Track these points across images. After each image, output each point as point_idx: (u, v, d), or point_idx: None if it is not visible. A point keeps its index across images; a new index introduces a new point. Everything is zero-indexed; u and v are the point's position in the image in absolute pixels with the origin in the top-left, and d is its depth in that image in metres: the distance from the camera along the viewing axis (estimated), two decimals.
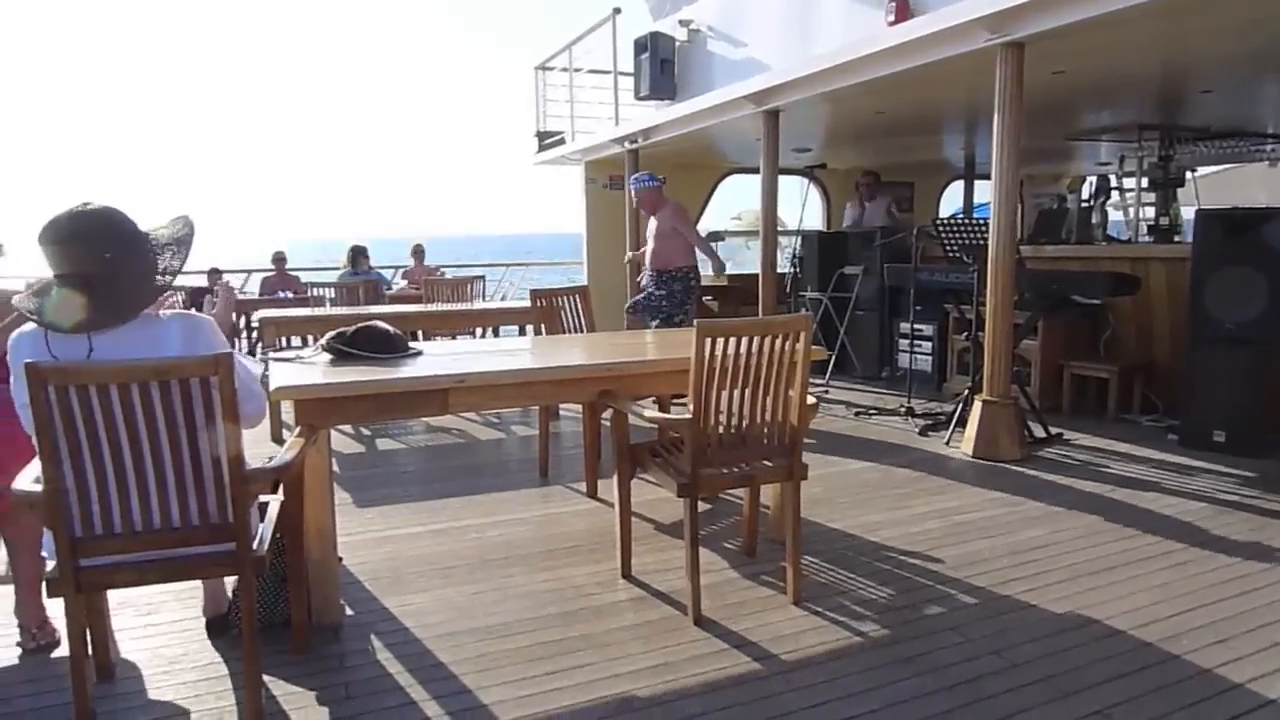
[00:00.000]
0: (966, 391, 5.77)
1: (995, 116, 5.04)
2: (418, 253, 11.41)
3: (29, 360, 2.12)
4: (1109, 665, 2.70)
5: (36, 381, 2.10)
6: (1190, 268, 5.49)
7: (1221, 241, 5.30)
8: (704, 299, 9.92)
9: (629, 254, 7.62)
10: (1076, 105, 7.48)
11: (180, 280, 2.53)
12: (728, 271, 11.84)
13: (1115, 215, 9.69)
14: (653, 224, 6.70)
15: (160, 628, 2.99)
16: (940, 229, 5.95)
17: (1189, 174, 9.67)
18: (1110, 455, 5.29)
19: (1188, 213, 9.06)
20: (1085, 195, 9.65)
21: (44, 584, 2.30)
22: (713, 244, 7.31)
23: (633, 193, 6.84)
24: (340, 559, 3.22)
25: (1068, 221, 8.22)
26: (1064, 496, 4.46)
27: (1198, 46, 5.44)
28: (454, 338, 7.15)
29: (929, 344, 7.57)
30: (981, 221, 5.59)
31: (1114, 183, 9.54)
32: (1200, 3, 4.40)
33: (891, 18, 5.69)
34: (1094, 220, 8.42)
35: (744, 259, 12.82)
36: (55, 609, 2.73)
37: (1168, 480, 4.73)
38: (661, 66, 8.69)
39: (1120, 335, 6.65)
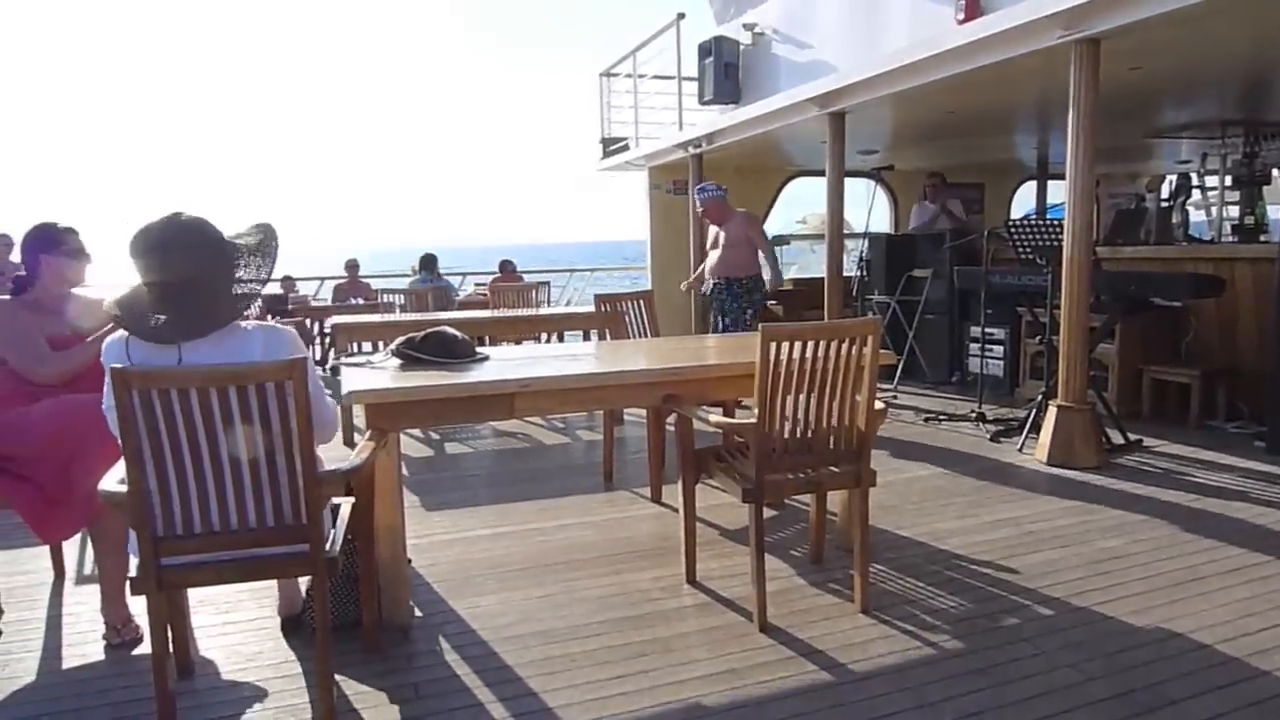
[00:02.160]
0: (1040, 397, 5.63)
1: (1070, 115, 4.91)
2: (505, 267, 11.48)
3: (114, 365, 2.20)
4: (1193, 681, 2.60)
5: (121, 385, 2.17)
6: (1278, 268, 5.28)
7: None
8: (768, 304, 9.87)
9: (686, 282, 7.42)
10: (1155, 102, 7.25)
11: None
12: (792, 276, 11.79)
13: (1197, 215, 9.37)
14: (715, 233, 6.70)
15: (238, 625, 3.07)
16: (1013, 230, 5.82)
17: (1276, 171, 9.30)
18: (1193, 463, 5.10)
19: (1275, 211, 8.72)
20: (1165, 194, 9.36)
21: (128, 583, 2.37)
22: (778, 247, 7.30)
23: (698, 201, 6.75)
24: (409, 561, 3.27)
25: (1146, 222, 7.98)
26: (1143, 505, 4.32)
27: None
28: (519, 343, 7.23)
29: (1000, 348, 7.40)
30: (1055, 222, 5.45)
31: (1195, 181, 9.23)
32: None
33: (961, 15, 5.59)
34: (1174, 220, 8.15)
35: (808, 263, 12.70)
36: (138, 607, 2.83)
37: (1254, 489, 4.55)
38: (726, 70, 8.66)
39: (1203, 338, 6.42)
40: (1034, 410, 5.60)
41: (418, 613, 3.18)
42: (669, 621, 3.08)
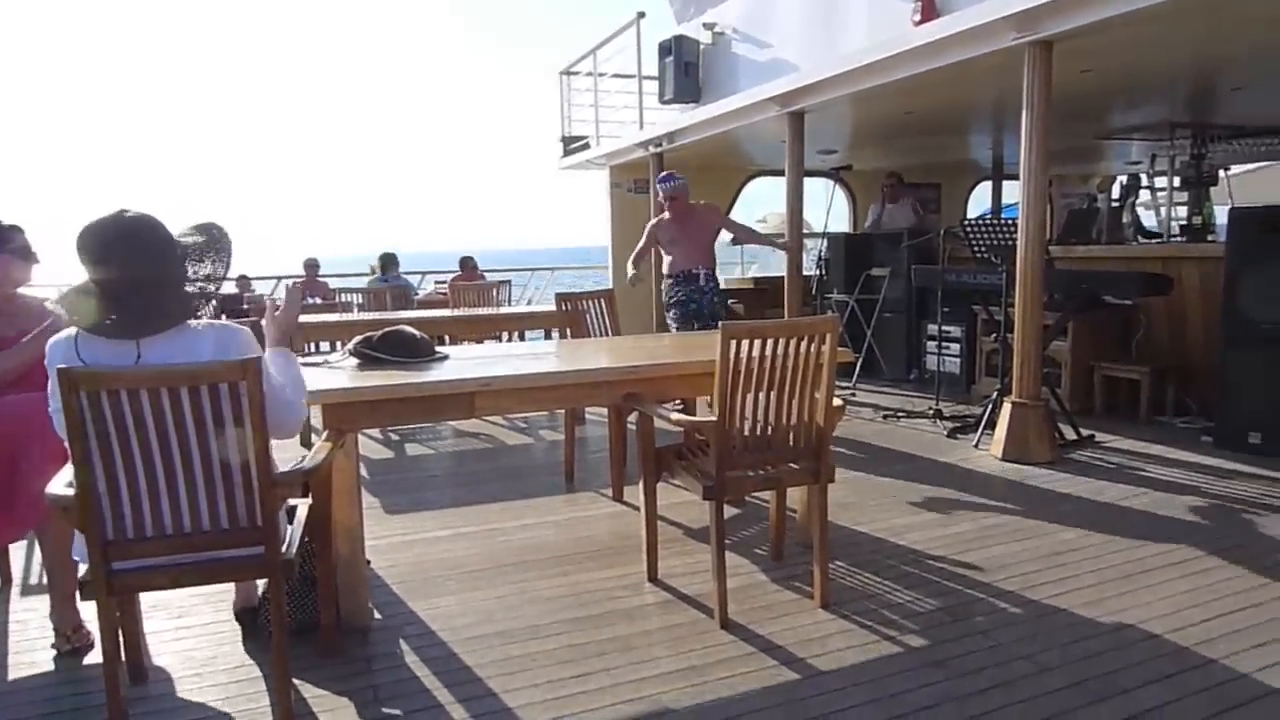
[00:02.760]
0: (996, 393, 5.71)
1: (1023, 116, 5.00)
2: (466, 264, 10.99)
3: (61, 365, 2.15)
4: (1143, 669, 2.65)
5: (68, 386, 2.12)
6: (1224, 267, 5.41)
7: (1256, 240, 5.21)
8: (728, 301, 9.91)
9: (633, 274, 6.20)
10: (1106, 104, 7.39)
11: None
12: (753, 275, 11.85)
13: (1147, 215, 9.56)
14: (671, 227, 6.22)
15: (192, 630, 3.02)
16: (968, 230, 5.91)
17: (1222, 172, 9.53)
18: (1143, 457, 5.21)
19: (1221, 212, 8.92)
20: (1115, 195, 9.55)
21: (78, 588, 2.32)
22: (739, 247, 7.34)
23: (666, 190, 6.09)
24: (368, 562, 3.24)
25: (1098, 221, 8.13)
26: (1095, 499, 4.40)
27: (1230, 42, 5.36)
28: (480, 342, 7.19)
29: (957, 346, 7.51)
30: (1010, 222, 5.54)
31: (1145, 182, 9.41)
32: None
33: (918, 17, 5.66)
34: (1125, 220, 8.32)
35: (768, 262, 12.78)
36: (89, 613, 2.77)
37: (1202, 483, 4.65)
38: (686, 69, 8.69)
39: (1153, 336, 6.56)
40: (989, 407, 5.69)
41: (377, 615, 3.15)
42: (630, 620, 3.08)
